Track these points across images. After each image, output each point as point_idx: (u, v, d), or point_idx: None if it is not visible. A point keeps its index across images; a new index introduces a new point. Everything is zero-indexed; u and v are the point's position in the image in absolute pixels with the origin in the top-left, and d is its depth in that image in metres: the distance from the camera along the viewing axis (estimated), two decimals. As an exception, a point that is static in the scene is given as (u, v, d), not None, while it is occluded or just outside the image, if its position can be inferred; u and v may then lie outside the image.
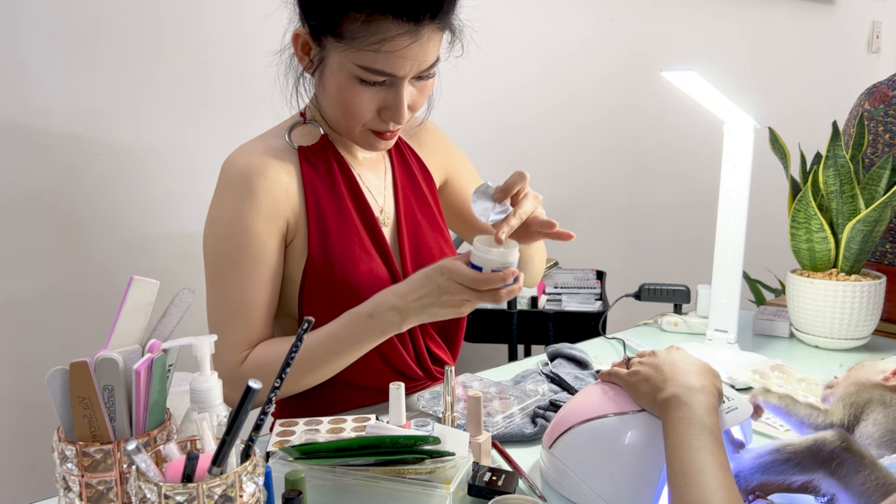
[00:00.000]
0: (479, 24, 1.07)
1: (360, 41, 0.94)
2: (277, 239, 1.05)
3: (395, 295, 0.99)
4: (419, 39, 0.95)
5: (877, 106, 1.51)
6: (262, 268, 1.04)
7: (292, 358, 0.62)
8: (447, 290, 0.94)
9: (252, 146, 1.07)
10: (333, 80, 1.00)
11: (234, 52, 1.57)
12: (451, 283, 0.94)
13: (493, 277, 0.92)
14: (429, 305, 0.97)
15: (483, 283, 0.92)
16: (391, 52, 0.95)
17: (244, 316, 1.03)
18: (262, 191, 1.03)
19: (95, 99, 1.42)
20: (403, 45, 0.95)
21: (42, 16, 1.35)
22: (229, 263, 1.03)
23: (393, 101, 1.00)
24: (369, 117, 1.02)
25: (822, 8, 3.08)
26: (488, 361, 1.75)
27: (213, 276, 1.05)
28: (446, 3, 0.96)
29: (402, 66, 0.96)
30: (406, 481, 0.77)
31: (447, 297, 0.95)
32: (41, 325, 1.41)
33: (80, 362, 0.63)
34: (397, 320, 0.99)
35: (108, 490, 0.65)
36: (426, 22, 0.95)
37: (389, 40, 0.94)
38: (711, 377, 0.78)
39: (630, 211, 2.51)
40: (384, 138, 1.05)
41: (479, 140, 2.04)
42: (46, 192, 1.39)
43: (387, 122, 1.03)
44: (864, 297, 1.29)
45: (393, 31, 0.94)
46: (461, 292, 0.93)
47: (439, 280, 0.95)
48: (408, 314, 0.98)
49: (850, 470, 0.69)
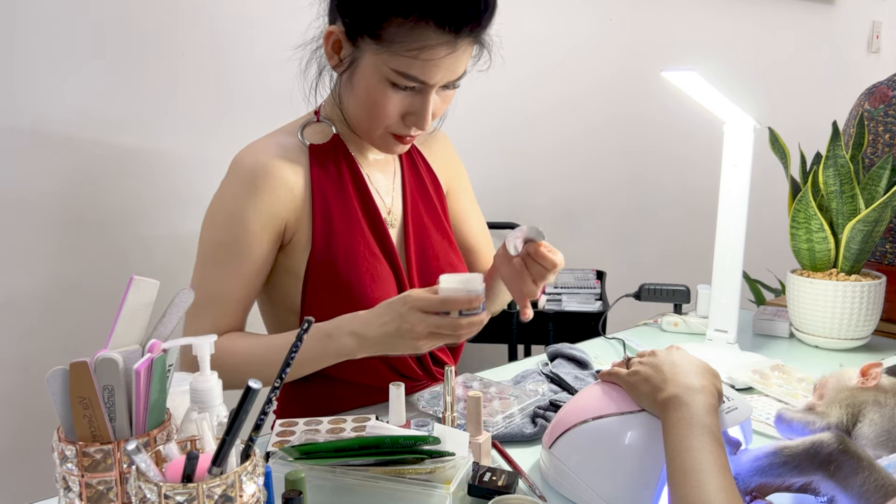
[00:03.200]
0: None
1: (398, 46, 0.96)
2: (271, 239, 1.06)
3: (357, 321, 0.99)
4: (455, 51, 0.98)
5: (877, 106, 1.51)
6: (249, 264, 1.05)
7: (292, 358, 0.62)
8: (406, 318, 0.94)
9: (263, 143, 1.09)
10: (364, 80, 1.01)
11: (235, 53, 1.57)
12: (410, 312, 0.94)
13: (457, 299, 0.92)
14: (387, 335, 0.96)
15: (445, 305, 0.92)
16: (428, 59, 0.96)
17: (218, 305, 1.04)
18: (266, 190, 1.04)
19: (96, 99, 1.42)
20: (441, 54, 0.97)
21: (43, 15, 1.35)
22: (220, 254, 1.05)
23: (420, 108, 1.02)
24: (393, 121, 1.03)
25: (822, 8, 3.08)
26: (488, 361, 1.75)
27: (201, 260, 1.07)
28: (485, 19, 0.99)
29: (435, 74, 0.98)
30: (406, 481, 0.77)
31: (406, 327, 0.94)
32: (41, 325, 1.41)
33: (80, 362, 0.63)
34: (353, 346, 0.98)
35: (108, 490, 0.64)
36: (465, 34, 0.97)
37: (428, 48, 0.96)
38: (711, 377, 0.78)
39: (630, 211, 2.51)
40: (403, 142, 1.07)
41: (478, 140, 2.04)
42: (47, 193, 1.39)
43: (409, 127, 1.05)
44: (864, 297, 1.29)
45: (433, 40, 0.96)
46: (420, 322, 0.93)
47: (400, 308, 0.95)
48: (365, 342, 0.98)
49: (848, 472, 0.69)
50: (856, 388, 0.85)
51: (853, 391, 0.85)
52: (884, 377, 0.87)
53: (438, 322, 0.93)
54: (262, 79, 1.59)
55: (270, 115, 1.20)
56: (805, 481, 0.72)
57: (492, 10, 1.00)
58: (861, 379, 0.86)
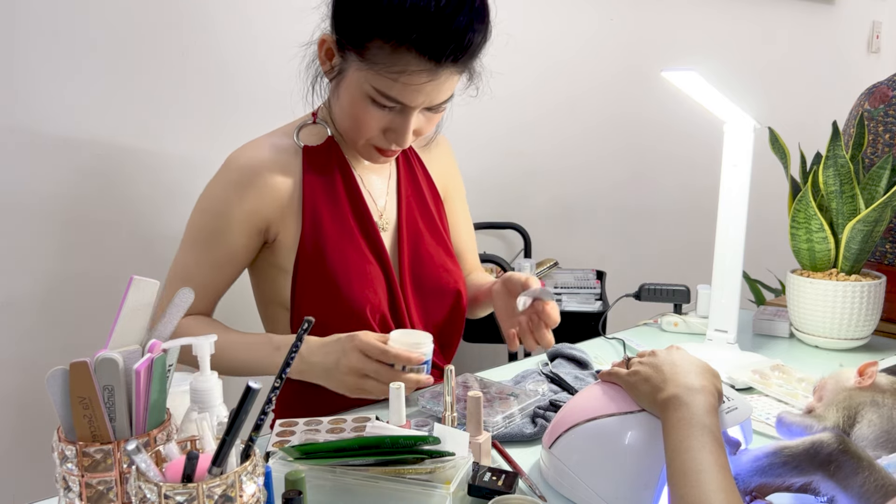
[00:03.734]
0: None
1: (380, 66, 0.97)
2: (248, 233, 1.09)
3: (307, 345, 1.01)
4: (436, 79, 0.98)
5: (877, 106, 1.51)
6: (222, 255, 1.09)
7: (292, 358, 0.63)
8: (348, 354, 0.96)
9: (258, 144, 1.11)
10: (348, 92, 1.03)
11: (236, 53, 1.57)
12: (353, 351, 0.95)
13: (399, 354, 0.94)
14: (325, 366, 0.99)
15: (385, 356, 0.94)
16: (407, 84, 0.97)
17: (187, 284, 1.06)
18: (252, 190, 1.07)
19: (96, 99, 1.42)
20: (420, 81, 0.97)
21: (43, 15, 1.35)
22: (198, 238, 1.10)
23: (400, 126, 1.03)
24: (374, 134, 1.05)
25: (822, 8, 3.08)
26: (488, 361, 1.75)
27: (184, 239, 1.12)
28: (469, 51, 0.99)
29: (415, 98, 0.99)
30: (406, 481, 0.77)
31: (344, 362, 0.96)
32: (41, 325, 1.41)
33: (80, 362, 0.63)
34: (295, 367, 1.01)
35: (108, 490, 0.64)
36: (447, 64, 0.97)
37: (408, 73, 0.96)
38: (711, 377, 0.78)
39: (630, 211, 2.51)
40: (385, 155, 1.09)
41: (478, 140, 2.04)
42: (46, 193, 1.39)
43: (390, 143, 1.06)
44: (864, 297, 1.29)
45: (413, 66, 0.96)
46: (361, 361, 0.95)
47: (346, 344, 0.97)
48: (306, 366, 1.01)
49: (848, 472, 0.69)
50: (853, 389, 0.85)
51: (851, 392, 0.85)
52: (881, 376, 0.86)
53: (377, 368, 0.95)
54: (263, 79, 1.59)
55: (271, 115, 1.20)
56: (805, 481, 0.72)
57: (477, 45, 1.00)
58: (858, 379, 0.86)
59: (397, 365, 0.96)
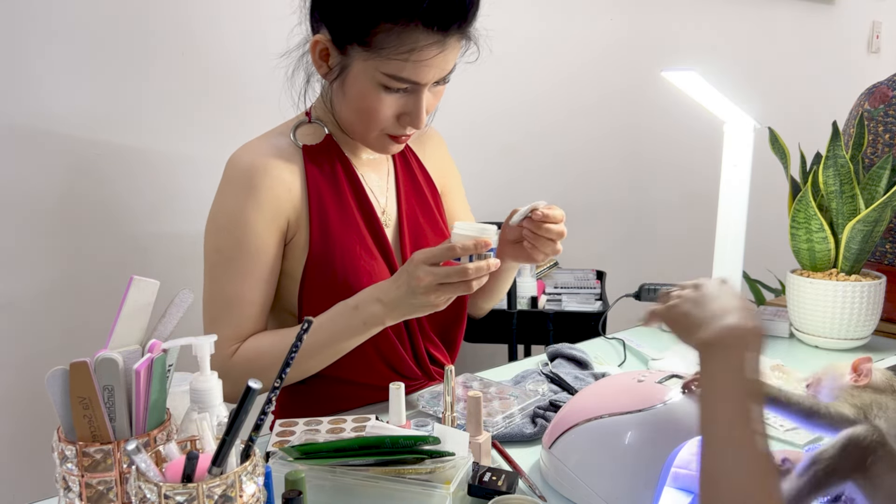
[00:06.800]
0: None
1: (388, 50, 0.97)
2: (277, 237, 1.06)
3: (379, 288, 1.01)
4: (445, 49, 0.99)
5: (877, 106, 1.51)
6: (259, 264, 1.05)
7: (292, 358, 0.62)
8: (414, 274, 0.95)
9: (257, 144, 1.09)
10: (356, 87, 1.02)
11: (236, 53, 1.57)
12: (418, 267, 0.95)
13: (462, 245, 0.94)
14: (403, 296, 0.98)
15: (449, 252, 0.94)
16: (418, 61, 0.97)
17: (237, 310, 1.04)
18: (265, 189, 1.04)
19: (96, 99, 1.42)
20: (431, 54, 0.97)
21: (43, 16, 1.35)
22: (226, 258, 1.04)
23: (413, 108, 1.03)
24: (388, 122, 1.04)
25: (822, 8, 3.08)
26: (488, 361, 1.75)
27: (210, 268, 1.06)
28: (472, 14, 0.99)
29: (427, 74, 0.99)
30: (406, 481, 0.77)
31: (414, 283, 0.95)
32: (41, 325, 1.41)
33: (80, 362, 0.63)
34: (380, 313, 1.00)
35: (108, 490, 0.65)
36: (453, 32, 0.98)
37: (418, 50, 0.96)
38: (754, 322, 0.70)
39: (630, 211, 2.51)
40: (399, 142, 1.08)
41: (477, 139, 2.04)
42: (47, 193, 1.39)
43: (404, 127, 1.05)
44: (864, 297, 1.29)
45: (422, 42, 0.96)
46: (427, 274, 0.94)
47: (409, 268, 0.97)
48: (388, 306, 0.99)
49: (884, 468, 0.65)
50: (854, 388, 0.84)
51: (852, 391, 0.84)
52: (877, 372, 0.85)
53: (446, 271, 0.94)
54: (263, 79, 1.59)
55: (271, 115, 1.20)
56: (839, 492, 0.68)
57: (477, 4, 1.01)
58: (853, 375, 0.85)
59: (464, 260, 0.94)
